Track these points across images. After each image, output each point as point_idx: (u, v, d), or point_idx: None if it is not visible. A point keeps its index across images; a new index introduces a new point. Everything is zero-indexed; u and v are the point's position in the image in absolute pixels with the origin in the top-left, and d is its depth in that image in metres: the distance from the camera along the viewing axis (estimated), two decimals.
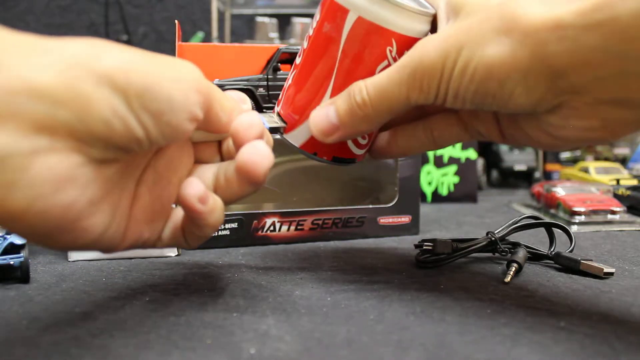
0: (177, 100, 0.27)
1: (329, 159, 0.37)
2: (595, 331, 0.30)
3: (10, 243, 0.38)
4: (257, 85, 0.53)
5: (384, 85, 0.32)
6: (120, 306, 0.34)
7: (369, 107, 0.33)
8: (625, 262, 0.44)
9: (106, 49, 0.26)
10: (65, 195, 0.24)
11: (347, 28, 0.33)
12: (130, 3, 1.13)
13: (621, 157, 0.91)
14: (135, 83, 0.25)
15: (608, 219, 0.59)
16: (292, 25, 0.99)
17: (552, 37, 0.27)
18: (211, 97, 0.30)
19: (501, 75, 0.29)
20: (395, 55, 0.33)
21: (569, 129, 0.30)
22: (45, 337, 0.29)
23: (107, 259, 0.44)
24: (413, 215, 0.55)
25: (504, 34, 0.28)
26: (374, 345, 0.28)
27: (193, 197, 0.30)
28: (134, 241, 0.31)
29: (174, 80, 0.27)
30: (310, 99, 0.35)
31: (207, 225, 0.31)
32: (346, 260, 0.45)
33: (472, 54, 0.29)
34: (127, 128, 0.26)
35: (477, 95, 0.30)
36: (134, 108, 0.25)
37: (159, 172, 0.32)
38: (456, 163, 0.76)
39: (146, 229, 0.31)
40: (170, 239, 0.33)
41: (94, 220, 0.27)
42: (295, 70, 0.36)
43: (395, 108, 0.33)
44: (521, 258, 0.41)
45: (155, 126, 0.27)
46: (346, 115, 0.33)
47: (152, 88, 0.26)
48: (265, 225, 0.50)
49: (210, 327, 0.31)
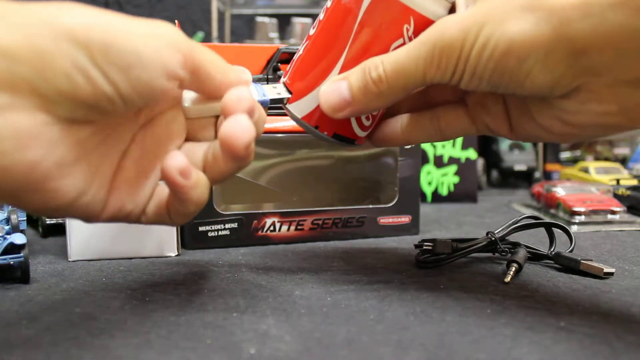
0: (146, 54, 0.27)
1: (330, 134, 0.36)
2: (595, 331, 0.30)
3: (10, 243, 0.38)
4: None
5: (401, 62, 0.31)
6: (120, 306, 0.34)
7: (384, 83, 0.32)
8: (625, 262, 0.44)
9: (71, 7, 0.26)
10: (29, 153, 0.24)
11: (367, 1, 0.33)
12: (130, 3, 1.13)
13: (621, 157, 0.91)
14: (97, 37, 0.25)
15: (608, 219, 0.59)
16: (292, 25, 0.99)
17: (577, 15, 0.27)
18: (196, 56, 0.29)
19: (521, 52, 0.28)
20: (412, 34, 0.33)
21: (585, 114, 0.30)
22: (45, 337, 0.29)
23: (107, 259, 0.44)
24: (413, 215, 0.55)
25: (529, 11, 0.28)
26: (374, 345, 0.28)
27: (174, 170, 0.29)
28: (115, 212, 0.31)
29: (143, 35, 0.27)
30: (319, 70, 0.35)
31: (190, 200, 0.31)
32: (346, 260, 0.45)
33: (493, 30, 0.29)
34: (92, 83, 0.25)
35: (495, 74, 0.30)
36: (98, 62, 0.25)
37: (146, 146, 0.31)
38: (456, 163, 0.76)
39: (129, 202, 0.31)
40: (155, 214, 0.32)
41: (65, 183, 0.27)
42: (308, 41, 0.36)
43: (411, 85, 0.32)
44: (521, 258, 0.41)
45: (125, 82, 0.26)
46: (359, 91, 0.33)
47: (117, 42, 0.26)
48: (265, 225, 0.50)
49: (210, 327, 0.31)
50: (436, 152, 0.75)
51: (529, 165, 0.88)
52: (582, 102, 0.29)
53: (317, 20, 0.36)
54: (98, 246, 0.44)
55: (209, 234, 0.49)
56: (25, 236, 0.39)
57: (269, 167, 0.53)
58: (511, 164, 0.88)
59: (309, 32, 0.36)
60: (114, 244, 0.44)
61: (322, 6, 1.10)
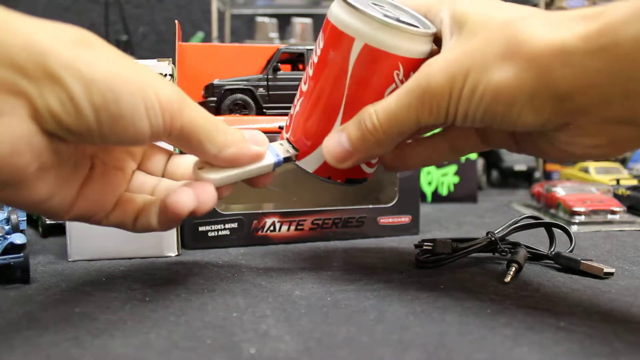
0: (140, 111, 0.28)
1: (342, 181, 0.38)
2: (595, 331, 0.30)
3: (10, 243, 0.38)
4: (257, 85, 0.53)
5: (392, 110, 0.32)
6: (120, 306, 0.34)
7: (379, 131, 0.33)
8: (625, 262, 0.44)
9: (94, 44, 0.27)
10: (22, 158, 0.26)
11: (354, 56, 0.33)
12: (130, 3, 1.13)
13: (621, 157, 0.91)
14: (101, 79, 0.27)
15: (608, 219, 0.59)
16: (292, 25, 0.99)
17: (557, 62, 0.28)
18: (184, 126, 0.30)
19: (508, 99, 0.29)
20: (403, 77, 0.34)
21: (577, 146, 0.31)
22: (45, 337, 0.29)
23: (107, 259, 0.44)
24: (413, 215, 0.55)
25: (509, 59, 0.29)
26: (374, 345, 0.28)
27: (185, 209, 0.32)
28: (78, 216, 0.33)
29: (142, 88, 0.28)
30: (322, 126, 0.36)
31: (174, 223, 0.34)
32: (346, 260, 0.45)
33: (478, 78, 0.30)
34: (81, 117, 0.27)
35: (486, 116, 0.30)
36: (95, 102, 0.27)
37: (106, 162, 0.34)
38: (456, 163, 0.76)
39: (94, 208, 0.33)
40: (117, 222, 0.35)
41: (39, 186, 0.29)
42: (302, 97, 0.37)
43: (406, 131, 0.33)
44: (521, 258, 0.41)
45: (110, 127, 0.28)
46: (358, 141, 0.34)
47: (119, 91, 0.27)
48: (265, 225, 0.50)
49: (210, 327, 0.31)
50: None
51: (529, 165, 0.88)
52: (573, 135, 0.30)
53: (307, 76, 0.36)
54: (98, 246, 0.44)
55: (209, 234, 0.49)
56: (25, 236, 0.39)
57: None
58: (511, 164, 0.88)
59: (300, 87, 0.37)
60: (114, 244, 0.44)
61: (322, 6, 1.10)
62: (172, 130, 0.30)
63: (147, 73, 0.29)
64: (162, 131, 0.30)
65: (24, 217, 0.45)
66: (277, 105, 0.53)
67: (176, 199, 0.32)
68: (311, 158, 0.37)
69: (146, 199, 0.35)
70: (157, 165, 0.37)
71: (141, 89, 0.28)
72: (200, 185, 0.33)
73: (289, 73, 0.54)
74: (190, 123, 0.31)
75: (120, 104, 0.27)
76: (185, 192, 0.32)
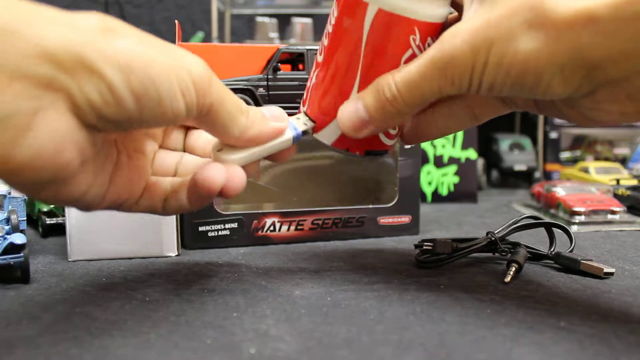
0: (175, 91, 0.28)
1: (362, 153, 0.37)
2: (595, 331, 0.30)
3: (10, 243, 0.38)
4: (257, 85, 0.53)
5: (414, 80, 0.32)
6: (120, 306, 0.34)
7: (399, 102, 0.32)
8: (625, 262, 0.44)
9: (119, 30, 0.27)
10: (65, 155, 0.26)
11: (369, 22, 0.33)
12: (130, 3, 1.13)
13: (621, 157, 0.91)
14: (139, 66, 0.26)
15: (608, 219, 0.58)
16: (292, 25, 0.99)
17: (586, 31, 0.27)
18: (213, 103, 0.30)
19: (537, 69, 0.29)
20: (419, 43, 0.33)
21: (603, 112, 0.30)
22: (45, 337, 0.29)
23: (107, 259, 0.44)
24: (413, 215, 0.55)
25: (536, 28, 0.28)
26: (374, 345, 0.28)
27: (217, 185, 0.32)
28: (111, 203, 0.32)
29: (175, 70, 0.28)
30: (338, 96, 0.35)
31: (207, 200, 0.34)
32: (346, 260, 0.45)
33: (504, 49, 0.29)
34: (120, 105, 0.26)
35: (514, 87, 0.30)
36: (134, 89, 0.26)
37: (128, 148, 0.33)
38: (456, 163, 0.76)
39: (124, 194, 0.33)
40: (147, 207, 0.34)
41: (80, 179, 0.28)
42: (318, 68, 0.36)
43: (428, 100, 0.32)
44: (521, 258, 0.41)
45: (149, 112, 0.27)
46: (376, 111, 0.33)
47: (156, 76, 0.27)
48: (265, 225, 0.50)
49: (210, 327, 0.31)
50: (436, 152, 0.75)
51: (529, 165, 0.88)
52: (600, 102, 0.30)
53: (322, 46, 0.36)
54: (98, 246, 0.44)
55: (209, 234, 0.49)
56: (25, 236, 0.39)
57: (269, 167, 0.53)
58: (511, 164, 0.88)
59: (316, 59, 0.37)
60: (114, 244, 0.44)
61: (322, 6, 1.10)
62: (203, 107, 0.30)
63: (178, 52, 0.29)
64: (195, 110, 0.29)
65: (24, 217, 0.45)
66: (277, 105, 0.53)
67: (207, 174, 0.32)
68: (329, 130, 0.36)
69: (174, 181, 0.35)
70: (176, 140, 0.37)
71: (175, 69, 0.28)
72: (228, 167, 0.33)
73: (289, 73, 0.54)
74: (218, 100, 0.30)
75: (159, 88, 0.27)
76: (216, 167, 0.32)
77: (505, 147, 0.89)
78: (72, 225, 0.44)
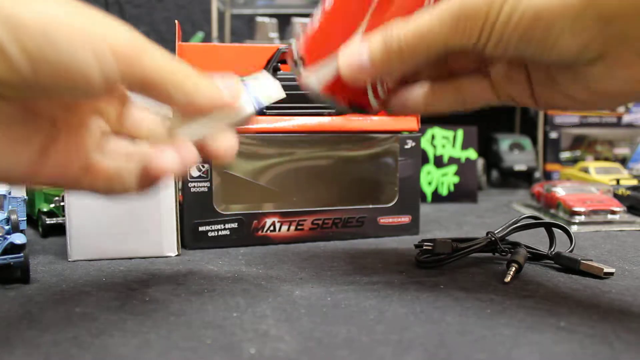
0: (83, 56, 0.26)
1: (346, 103, 0.36)
2: (595, 331, 0.30)
3: (10, 243, 0.38)
4: None
5: (424, 27, 0.31)
6: (120, 306, 0.34)
7: (405, 48, 0.32)
8: (625, 262, 0.44)
9: None
10: None
11: None
12: (130, 3, 1.13)
13: (621, 157, 0.91)
14: (31, 25, 0.24)
15: (608, 219, 0.59)
16: (292, 25, 0.99)
17: None
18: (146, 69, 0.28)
19: (549, 21, 0.28)
20: None
21: (611, 81, 0.30)
22: (45, 337, 0.29)
23: (107, 259, 0.44)
24: (413, 215, 0.55)
25: None
26: (374, 345, 0.28)
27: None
28: (48, 181, 0.30)
29: (85, 34, 0.26)
30: (340, 35, 0.34)
31: None
32: (346, 260, 0.45)
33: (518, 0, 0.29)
34: (10, 67, 0.24)
35: (522, 41, 0.29)
36: (25, 49, 0.24)
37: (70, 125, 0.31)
38: (456, 163, 0.76)
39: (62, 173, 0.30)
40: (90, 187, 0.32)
41: None
42: (323, 11, 0.35)
43: (433, 51, 0.32)
44: (521, 258, 0.41)
45: (50, 76, 0.25)
46: (380, 55, 0.32)
47: (52, 35, 0.25)
48: (265, 225, 0.50)
49: (210, 327, 0.31)
50: (436, 152, 0.75)
51: (529, 165, 0.88)
52: (609, 68, 0.29)
53: None
54: (98, 246, 0.44)
55: (209, 234, 0.49)
56: (25, 236, 0.39)
57: (269, 167, 0.53)
58: (511, 164, 0.88)
59: (323, 7, 0.35)
60: (114, 244, 0.44)
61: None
62: (132, 78, 0.28)
63: (96, 17, 0.27)
64: (120, 79, 0.27)
65: (24, 217, 0.45)
66: (277, 105, 0.53)
67: (159, 162, 0.30)
68: (320, 73, 0.35)
69: (119, 164, 0.32)
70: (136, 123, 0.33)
71: (85, 33, 0.26)
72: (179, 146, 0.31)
73: (289, 73, 0.54)
74: (152, 70, 0.28)
75: (59, 50, 0.25)
76: (168, 154, 0.30)
77: (505, 147, 0.89)
78: (72, 225, 0.44)
